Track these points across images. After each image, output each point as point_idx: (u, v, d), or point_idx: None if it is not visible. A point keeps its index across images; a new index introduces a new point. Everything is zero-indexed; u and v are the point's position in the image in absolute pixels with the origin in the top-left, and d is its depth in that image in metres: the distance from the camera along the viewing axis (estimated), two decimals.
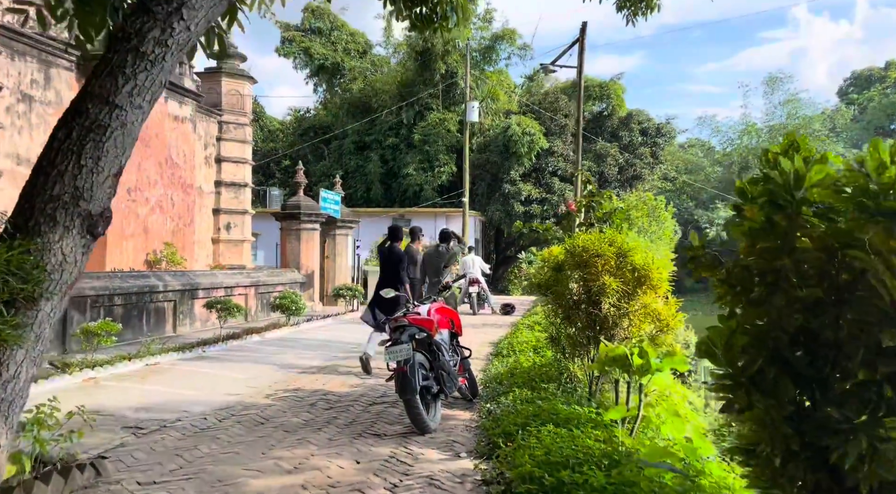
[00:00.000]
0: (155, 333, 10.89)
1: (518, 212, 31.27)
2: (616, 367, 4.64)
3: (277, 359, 9.01)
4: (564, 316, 6.32)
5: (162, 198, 16.65)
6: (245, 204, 21.35)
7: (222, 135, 20.71)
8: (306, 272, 16.84)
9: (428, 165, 33.12)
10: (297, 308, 12.28)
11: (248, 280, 14.09)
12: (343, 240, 19.23)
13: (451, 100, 34.19)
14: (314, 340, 11.13)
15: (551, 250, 15.50)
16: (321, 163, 35.77)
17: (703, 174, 52.63)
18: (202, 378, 7.54)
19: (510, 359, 8.07)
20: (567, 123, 32.87)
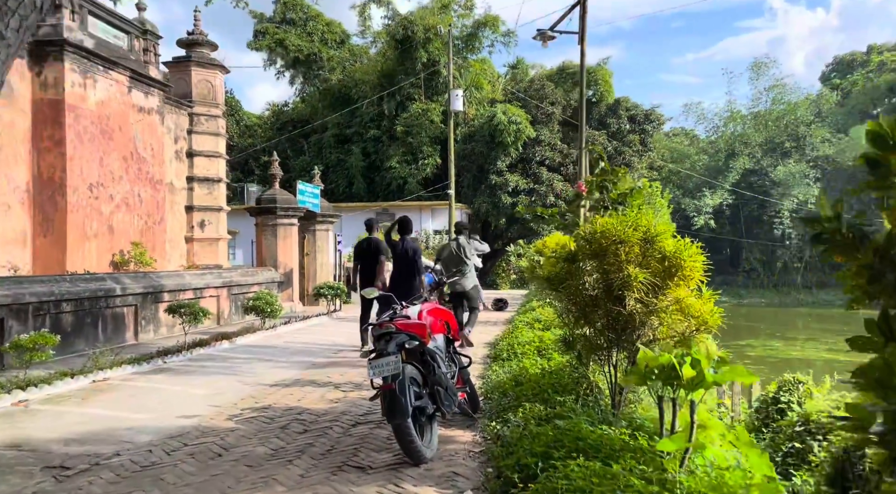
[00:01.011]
0: (113, 342, 9.80)
1: (505, 203, 30.32)
2: (659, 380, 3.68)
3: (247, 370, 7.96)
4: (580, 315, 5.34)
5: (128, 195, 15.50)
6: (220, 200, 20.20)
7: (193, 127, 19.55)
8: (284, 270, 15.77)
9: (411, 157, 32.08)
10: (273, 309, 11.23)
11: (219, 280, 13.00)
12: (323, 235, 18.15)
13: (433, 89, 33.15)
14: (291, 345, 10.08)
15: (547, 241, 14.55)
16: (301, 157, 34.60)
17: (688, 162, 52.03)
18: (157, 396, 6.48)
19: (512, 364, 7.09)
20: (554, 111, 31.95)
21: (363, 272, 9.25)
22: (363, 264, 9.25)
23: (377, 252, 9.14)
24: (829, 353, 22.09)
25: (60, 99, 13.34)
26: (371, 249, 9.18)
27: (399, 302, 5.28)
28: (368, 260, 9.17)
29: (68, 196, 13.54)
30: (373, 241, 9.29)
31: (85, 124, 14.07)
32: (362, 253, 9.26)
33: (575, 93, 34.19)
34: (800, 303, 48.95)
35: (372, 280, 8.97)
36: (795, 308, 45.60)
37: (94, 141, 14.27)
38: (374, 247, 9.16)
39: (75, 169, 13.76)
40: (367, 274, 9.18)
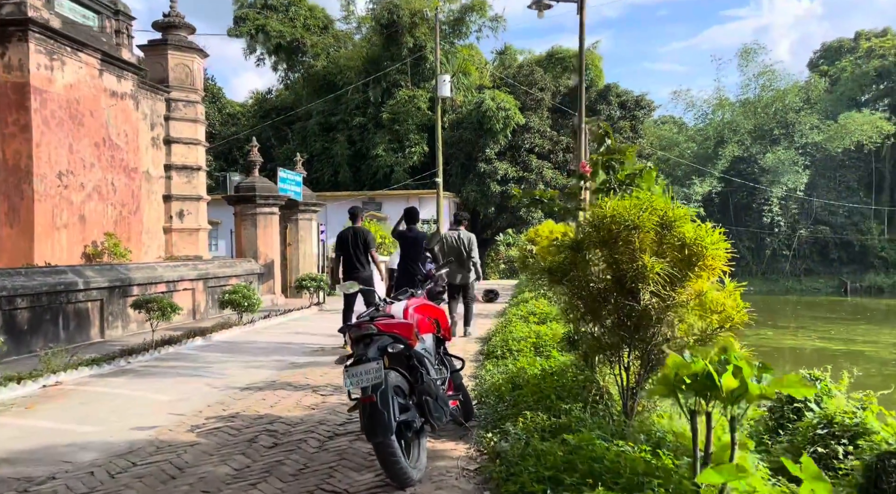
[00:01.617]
0: (76, 341, 9.09)
1: (494, 192, 29.69)
2: (692, 392, 3.06)
3: (219, 371, 7.29)
4: (586, 311, 4.72)
5: (101, 184, 14.73)
6: (199, 189, 19.41)
7: (171, 113, 18.73)
8: (265, 261, 15.06)
9: (398, 145, 31.34)
10: (251, 303, 10.55)
11: (194, 272, 12.29)
12: (306, 225, 17.44)
13: (420, 76, 32.36)
14: (269, 343, 9.41)
15: (539, 229, 13.93)
16: (284, 146, 33.74)
17: (677, 150, 51.61)
18: (111, 403, 5.81)
19: (508, 363, 6.47)
20: (543, 98, 31.28)
21: (347, 264, 8.67)
22: (346, 255, 8.67)
23: (364, 243, 8.64)
24: (822, 342, 21.76)
25: (25, 82, 12.56)
26: (356, 240, 8.62)
27: (381, 298, 4.64)
28: (353, 250, 8.60)
29: (35, 184, 12.78)
30: (359, 231, 8.74)
31: (52, 109, 13.28)
32: (346, 244, 8.66)
33: (565, 79, 33.54)
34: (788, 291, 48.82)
35: (356, 272, 8.45)
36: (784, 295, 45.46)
37: (62, 126, 13.49)
38: (361, 238, 8.65)
39: (42, 156, 13.00)
40: (350, 266, 8.63)
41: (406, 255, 8.78)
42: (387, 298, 4.72)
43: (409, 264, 8.67)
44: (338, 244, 8.83)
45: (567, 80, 33.92)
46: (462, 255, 9.76)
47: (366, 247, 8.64)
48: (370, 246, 8.66)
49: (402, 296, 4.77)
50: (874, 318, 30.36)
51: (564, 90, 33.20)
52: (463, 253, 9.78)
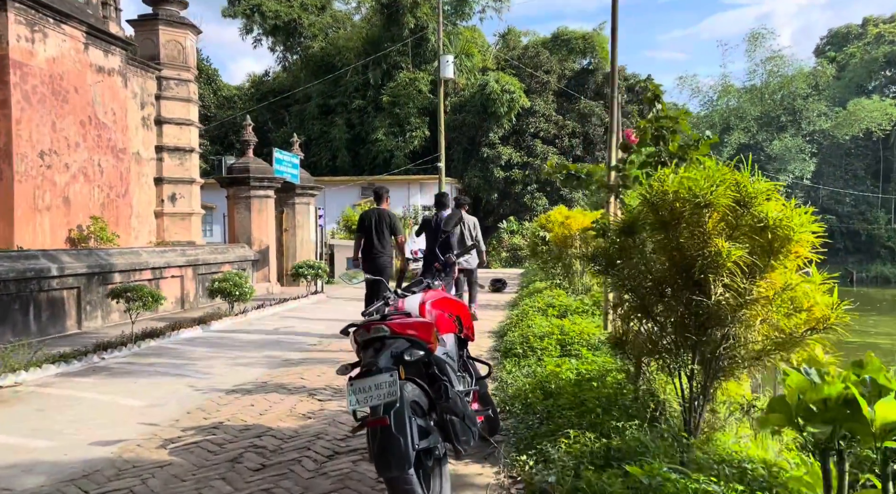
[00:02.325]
0: (50, 332, 8.27)
1: (498, 177, 28.83)
2: (822, 423, 2.25)
3: (204, 369, 6.48)
4: (638, 307, 3.90)
5: (86, 164, 13.90)
6: (192, 171, 18.56)
7: (162, 92, 17.84)
8: (259, 247, 14.23)
9: (398, 130, 30.43)
10: (242, 292, 9.72)
11: (183, 258, 11.45)
12: (304, 209, 16.59)
13: (421, 58, 31.37)
14: (261, 336, 8.59)
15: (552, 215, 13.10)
16: (282, 129, 32.80)
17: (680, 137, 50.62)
18: (75, 410, 4.99)
19: (532, 363, 5.67)
20: (549, 81, 30.32)
21: (366, 247, 8.05)
22: (367, 237, 8.02)
23: (391, 227, 8.05)
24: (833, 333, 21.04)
25: (4, 54, 11.72)
26: (380, 222, 8.01)
27: (391, 290, 3.83)
28: (375, 233, 7.98)
29: (15, 164, 11.97)
30: (383, 213, 8.08)
31: (34, 84, 12.43)
32: (367, 225, 8.04)
33: (570, 62, 32.56)
34: None
35: (375, 256, 7.93)
36: None
37: (44, 103, 12.64)
38: (386, 221, 8.04)
39: (23, 134, 12.16)
40: (370, 249, 8.01)
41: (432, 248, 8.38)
42: (398, 290, 3.90)
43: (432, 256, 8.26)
44: (359, 226, 8.21)
45: (573, 63, 32.96)
46: (464, 240, 9.55)
47: (392, 231, 8.03)
48: (397, 230, 8.06)
49: (416, 288, 3.95)
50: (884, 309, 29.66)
51: (570, 73, 32.25)
52: (466, 237, 9.60)
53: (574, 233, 10.10)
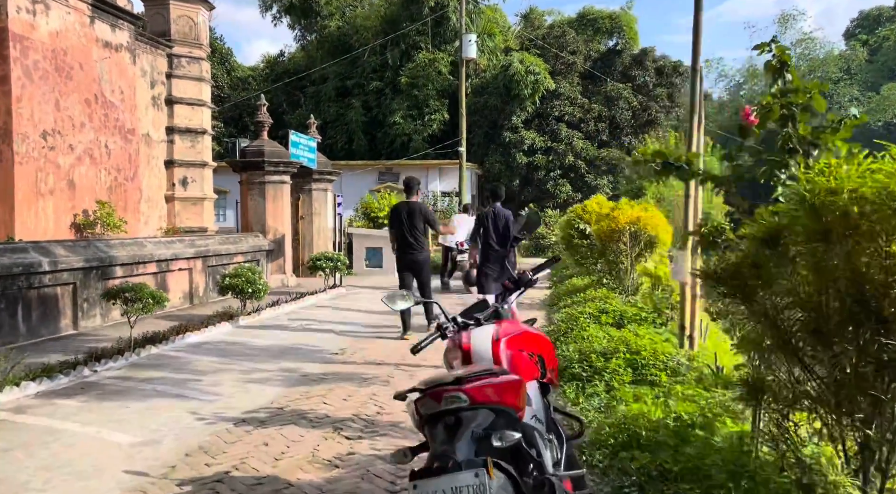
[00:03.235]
0: (42, 334, 7.41)
1: (521, 163, 27.72)
2: None
3: (208, 387, 5.56)
4: (782, 345, 2.91)
5: (92, 146, 13.06)
6: (204, 154, 17.70)
7: (173, 71, 16.94)
8: (274, 237, 13.32)
9: (417, 113, 29.34)
10: (256, 289, 8.81)
11: (191, 249, 10.55)
12: (321, 195, 15.65)
13: (441, 38, 30.19)
14: (276, 342, 7.65)
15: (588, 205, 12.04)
16: (297, 111, 31.80)
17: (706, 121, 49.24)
18: (51, 449, 4.08)
19: (600, 390, 4.69)
20: (575, 62, 29.05)
21: (400, 243, 7.88)
22: (401, 234, 7.84)
23: (426, 220, 7.88)
24: None
25: (3, 27, 10.91)
26: (412, 216, 7.79)
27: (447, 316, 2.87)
28: (407, 228, 7.77)
29: (15, 145, 11.18)
30: (414, 206, 7.87)
31: (35, 59, 11.56)
32: (398, 220, 7.83)
33: (596, 43, 31.25)
34: None
35: (412, 253, 7.76)
36: None
37: (47, 79, 11.79)
38: (420, 214, 7.84)
39: (24, 112, 11.33)
40: (405, 245, 7.82)
41: (490, 240, 7.89)
42: (457, 318, 2.94)
43: (495, 250, 7.85)
44: (390, 220, 8.00)
45: (598, 44, 31.63)
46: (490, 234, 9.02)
47: (428, 225, 7.84)
48: (434, 222, 7.93)
49: (480, 313, 2.99)
50: None
51: (595, 54, 30.93)
52: None
53: (622, 227, 9.08)
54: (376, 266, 16.11)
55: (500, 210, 7.97)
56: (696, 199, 5.42)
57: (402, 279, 7.95)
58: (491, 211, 8.12)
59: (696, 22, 5.37)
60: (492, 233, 7.85)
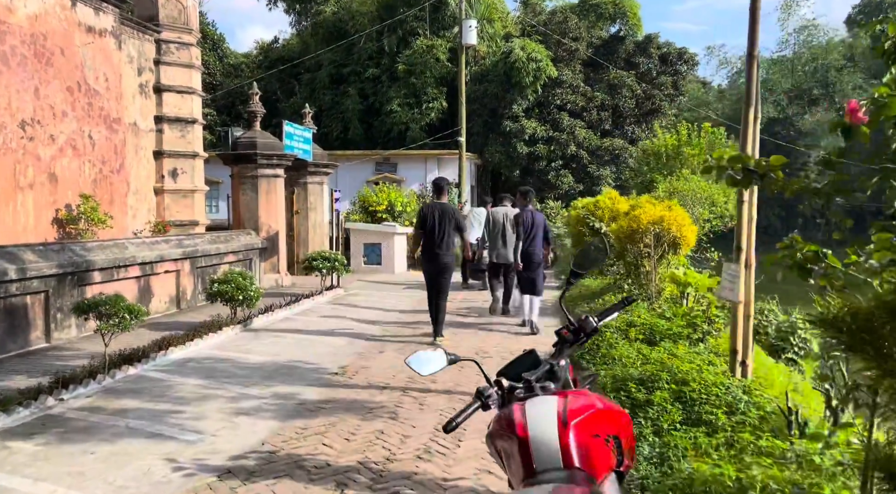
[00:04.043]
0: (8, 348, 6.67)
1: (521, 153, 26.95)
2: None
3: (189, 423, 4.83)
4: None
5: (76, 136, 12.30)
6: (195, 144, 16.83)
7: (161, 57, 16.04)
8: (267, 234, 12.57)
9: (414, 101, 28.52)
10: (248, 295, 8.08)
11: (178, 250, 9.80)
12: (317, 189, 14.89)
13: (440, 24, 29.31)
14: (269, 358, 6.92)
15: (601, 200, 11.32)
16: (291, 99, 30.94)
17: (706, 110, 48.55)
18: None
19: (647, 432, 3.99)
20: (577, 48, 28.21)
21: (428, 245, 7.67)
22: (429, 235, 7.65)
23: (456, 224, 7.71)
24: None
25: None
26: (444, 218, 7.62)
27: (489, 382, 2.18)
28: (438, 231, 7.59)
29: None
30: (447, 208, 7.73)
31: (12, 44, 10.77)
32: (431, 222, 7.62)
33: (598, 29, 30.42)
34: None
35: (439, 256, 7.61)
36: None
37: (25, 65, 11.00)
38: (451, 217, 7.68)
39: (1, 100, 10.57)
40: (432, 247, 7.62)
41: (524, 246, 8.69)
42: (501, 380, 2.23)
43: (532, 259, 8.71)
44: (420, 221, 7.76)
45: (600, 31, 30.79)
46: (507, 233, 9.59)
47: (457, 229, 7.68)
48: (463, 227, 7.79)
49: (531, 374, 2.28)
50: None
51: (598, 41, 30.11)
52: (508, 230, 9.58)
53: (645, 228, 8.36)
54: (375, 263, 15.40)
55: (535, 213, 8.89)
56: (750, 206, 4.70)
57: (430, 286, 7.70)
58: (530, 214, 8.79)
59: (753, 1, 4.63)
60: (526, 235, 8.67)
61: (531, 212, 8.92)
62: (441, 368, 2.28)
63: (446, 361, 2.27)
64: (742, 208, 4.70)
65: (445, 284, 7.68)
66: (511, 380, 2.29)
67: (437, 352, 2.27)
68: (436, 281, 7.66)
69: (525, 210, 8.95)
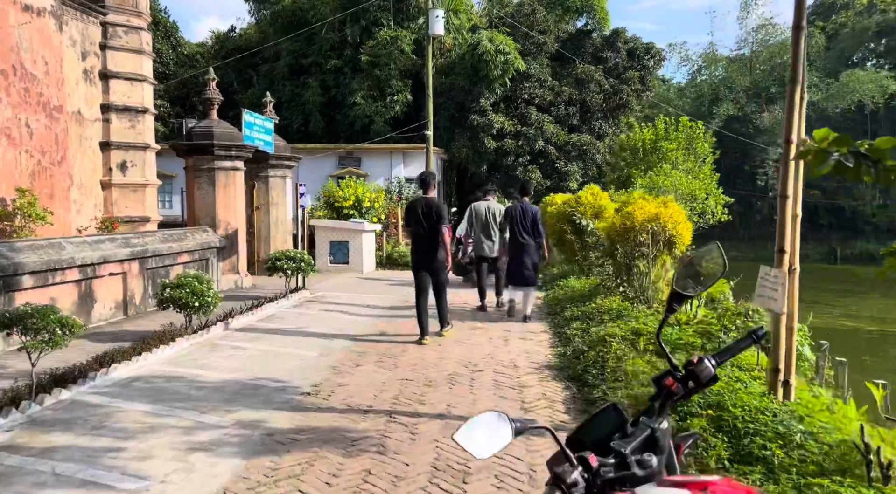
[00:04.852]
0: None
1: (489, 147, 26.30)
2: None
3: (131, 465, 3.96)
4: None
5: (10, 124, 11.19)
6: (146, 135, 15.70)
7: (108, 41, 14.88)
8: (226, 231, 11.62)
9: (378, 93, 27.63)
10: (204, 301, 7.18)
11: (125, 250, 8.81)
12: (279, 183, 13.95)
13: (404, 14, 28.46)
14: (229, 375, 6.06)
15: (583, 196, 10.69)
16: (250, 90, 29.72)
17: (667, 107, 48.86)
18: None
19: None
20: (545, 41, 27.67)
21: (417, 245, 7.56)
22: (418, 233, 7.48)
23: (438, 216, 7.35)
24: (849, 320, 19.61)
25: None
26: (429, 213, 7.35)
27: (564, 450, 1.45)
28: (426, 227, 7.39)
29: None
30: (431, 203, 7.43)
31: None
32: (417, 219, 7.41)
33: (564, 23, 29.94)
34: None
35: (431, 256, 7.42)
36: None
37: None
38: (434, 210, 7.37)
39: None
40: (422, 247, 7.49)
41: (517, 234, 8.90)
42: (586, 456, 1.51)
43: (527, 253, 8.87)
44: (407, 218, 7.66)
45: (567, 25, 30.34)
46: (490, 227, 9.68)
47: (438, 221, 7.32)
48: (443, 220, 7.34)
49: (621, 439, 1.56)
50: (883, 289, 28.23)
51: (565, 35, 29.65)
52: (491, 224, 9.67)
53: (640, 225, 7.75)
54: (342, 262, 14.52)
55: (528, 206, 8.95)
56: (795, 201, 4.08)
57: (419, 281, 7.49)
58: (519, 206, 8.94)
59: None
60: (518, 226, 8.76)
61: (522, 205, 9.04)
62: (506, 444, 1.53)
63: (511, 433, 1.52)
64: (786, 204, 4.06)
65: (442, 280, 7.50)
66: (596, 450, 1.56)
67: (497, 420, 1.52)
68: (425, 279, 7.46)
69: (519, 202, 9.17)
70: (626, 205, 8.28)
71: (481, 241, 9.72)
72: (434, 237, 7.36)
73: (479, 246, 9.79)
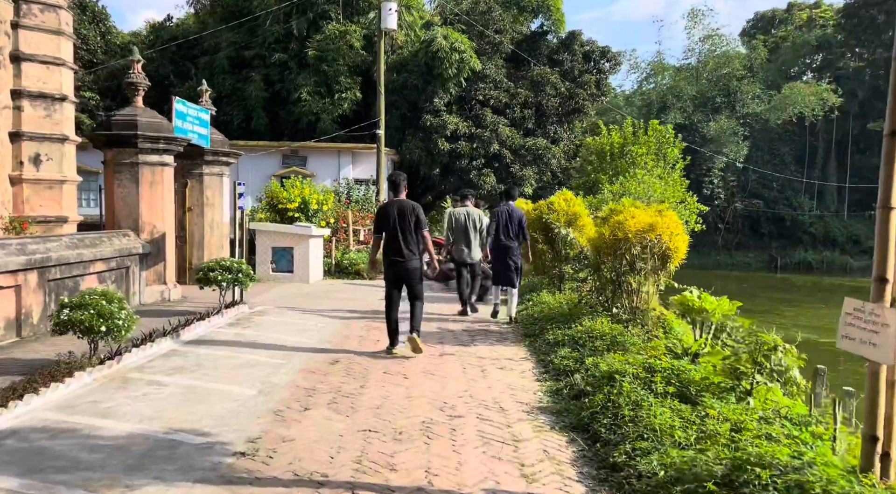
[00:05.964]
0: None
1: (442, 149, 25.24)
2: None
3: None
4: None
5: None
6: (64, 126, 13.97)
7: (21, 20, 13.17)
8: (151, 236, 10.12)
9: (326, 90, 26.25)
10: (113, 325, 5.80)
11: (20, 257, 7.28)
12: (215, 181, 12.47)
13: (353, 8, 27.21)
14: (138, 425, 4.70)
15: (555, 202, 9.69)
16: (187, 83, 27.84)
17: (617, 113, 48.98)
18: None
19: None
20: (501, 41, 26.79)
21: (389, 249, 6.94)
22: (389, 237, 6.92)
23: (416, 221, 6.91)
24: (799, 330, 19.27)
25: None
26: (403, 216, 6.86)
27: None
28: (400, 231, 6.83)
29: None
30: (405, 205, 6.92)
31: None
32: (388, 222, 6.90)
33: (520, 24, 29.20)
34: (719, 265, 48.00)
35: (402, 261, 6.86)
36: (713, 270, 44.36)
37: None
38: (411, 214, 6.90)
39: None
40: (394, 251, 6.87)
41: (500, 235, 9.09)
42: None
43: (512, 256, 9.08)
44: (378, 222, 7.06)
45: (522, 26, 29.60)
46: (469, 233, 9.65)
47: (417, 226, 6.85)
48: (422, 225, 6.90)
49: None
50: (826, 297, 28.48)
51: (520, 37, 28.89)
52: (470, 230, 9.67)
53: (634, 236, 6.76)
54: (286, 270, 13.13)
55: (514, 209, 9.19)
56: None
57: (390, 293, 6.98)
58: (506, 209, 9.16)
59: None
60: (502, 229, 9.02)
61: (509, 208, 9.21)
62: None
63: None
64: (890, 216, 3.06)
65: (418, 288, 7.02)
66: None
67: None
68: (398, 289, 6.98)
69: (503, 205, 9.36)
70: (615, 214, 7.26)
71: (461, 247, 9.70)
72: (411, 244, 6.83)
73: (458, 251, 9.74)
